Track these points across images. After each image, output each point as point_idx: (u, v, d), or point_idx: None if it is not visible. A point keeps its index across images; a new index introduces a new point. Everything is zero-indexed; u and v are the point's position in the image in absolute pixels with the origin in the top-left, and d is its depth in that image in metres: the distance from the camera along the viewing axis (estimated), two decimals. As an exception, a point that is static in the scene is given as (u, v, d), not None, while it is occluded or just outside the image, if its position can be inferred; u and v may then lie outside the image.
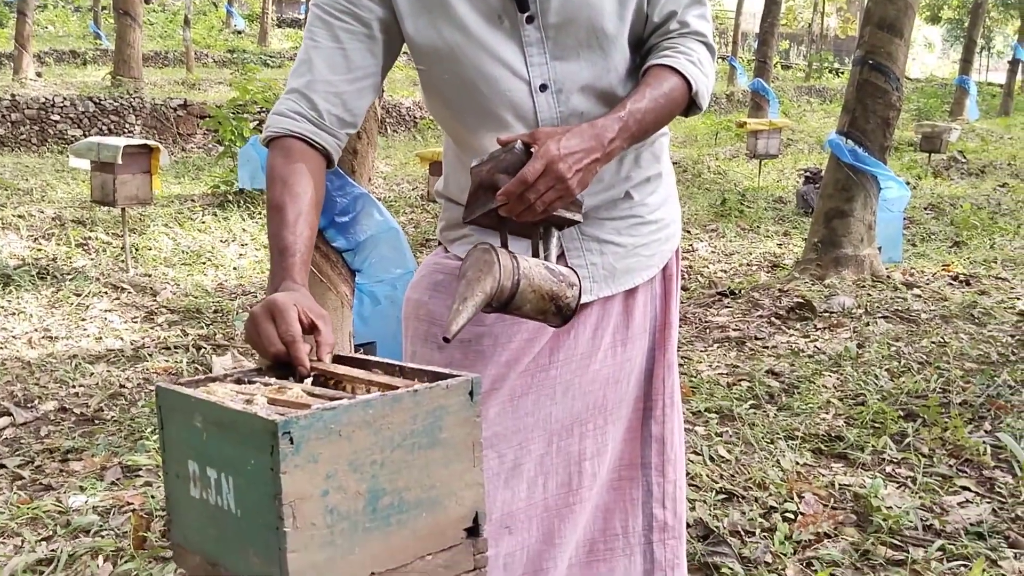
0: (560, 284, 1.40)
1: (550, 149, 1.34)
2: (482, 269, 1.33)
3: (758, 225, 8.82)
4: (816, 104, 21.89)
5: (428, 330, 1.65)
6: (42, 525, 2.83)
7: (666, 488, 1.79)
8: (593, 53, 1.49)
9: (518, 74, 1.48)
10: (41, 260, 6.26)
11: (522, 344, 1.62)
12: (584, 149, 1.37)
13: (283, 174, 1.41)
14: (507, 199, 1.34)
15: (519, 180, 1.33)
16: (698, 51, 1.52)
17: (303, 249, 1.36)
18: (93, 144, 6.08)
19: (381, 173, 10.90)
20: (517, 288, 1.35)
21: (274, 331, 1.21)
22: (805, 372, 4.26)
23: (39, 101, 11.34)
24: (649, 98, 1.45)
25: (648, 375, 1.76)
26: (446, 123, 1.59)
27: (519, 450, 1.66)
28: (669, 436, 1.78)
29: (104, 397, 4.16)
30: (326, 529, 1.00)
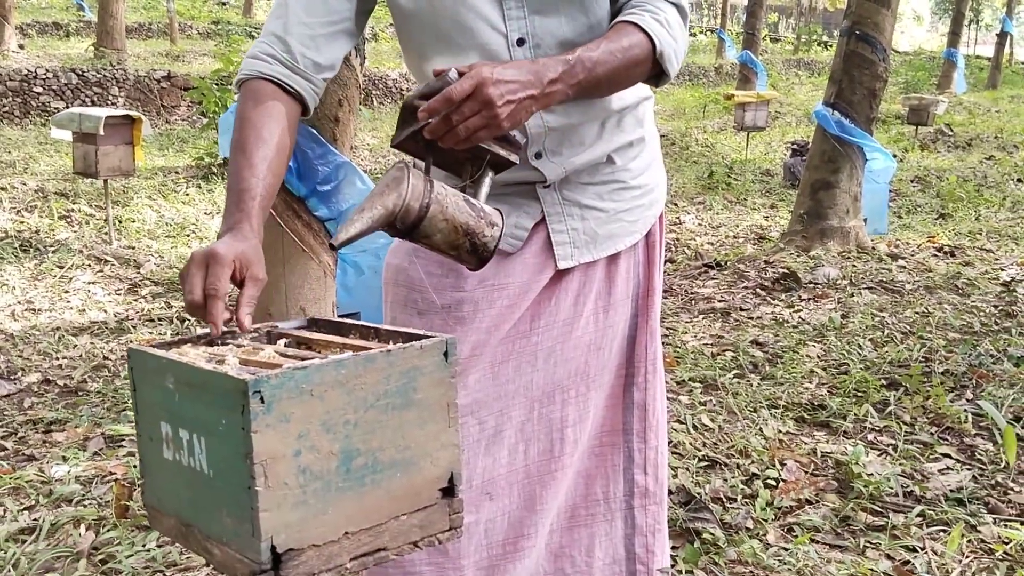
0: (478, 220, 1.32)
1: (482, 72, 1.27)
2: (389, 185, 1.27)
3: (745, 198, 8.82)
4: (804, 77, 21.84)
5: (408, 296, 1.63)
6: (24, 495, 2.82)
7: (647, 454, 1.80)
8: (572, 8, 1.46)
9: (495, 27, 1.45)
10: (24, 232, 6.21)
11: (503, 310, 1.61)
12: (520, 81, 1.30)
13: (251, 116, 1.38)
14: (428, 116, 1.28)
15: (443, 97, 1.26)
16: (667, 11, 1.47)
17: (264, 194, 1.32)
18: (75, 115, 6.02)
19: (367, 145, 10.84)
20: (426, 212, 1.27)
21: (200, 280, 1.18)
22: (789, 342, 4.28)
23: (21, 73, 11.21)
24: (604, 49, 1.39)
25: (631, 342, 1.76)
26: (420, 76, 1.56)
27: (500, 417, 1.66)
28: (651, 403, 1.78)
29: (88, 369, 4.14)
30: (299, 489, 1.00)
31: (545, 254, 1.61)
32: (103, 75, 11.62)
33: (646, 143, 1.69)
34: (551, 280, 1.63)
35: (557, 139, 1.54)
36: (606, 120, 1.58)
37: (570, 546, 1.79)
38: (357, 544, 1.05)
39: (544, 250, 1.61)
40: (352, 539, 1.05)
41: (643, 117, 1.67)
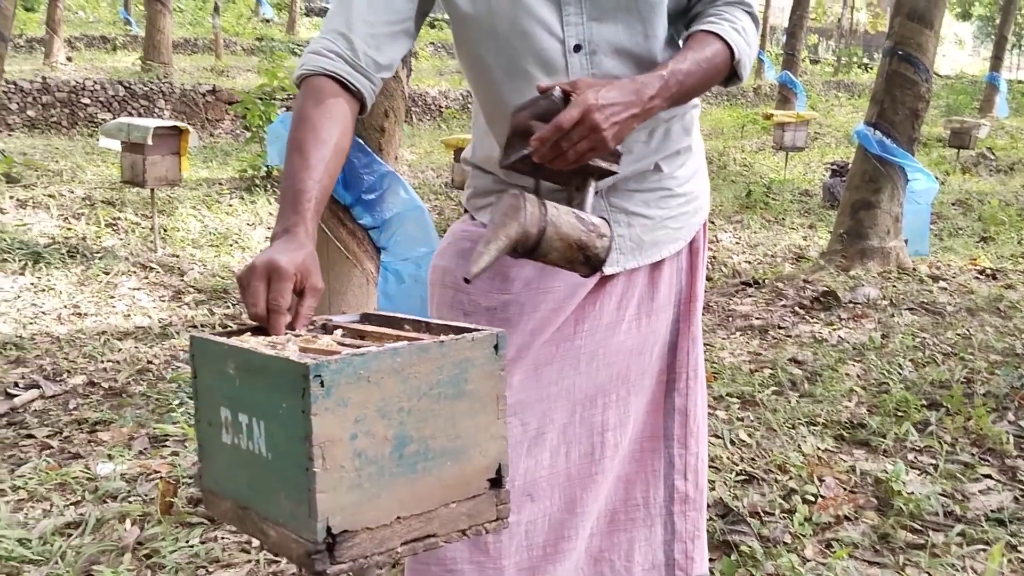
0: (589, 233, 1.38)
1: (588, 98, 1.32)
2: (508, 214, 1.33)
3: (783, 217, 8.78)
4: (844, 99, 21.71)
5: (454, 296, 1.66)
6: (71, 491, 2.88)
7: (688, 460, 1.80)
8: (631, 16, 1.48)
9: (553, 32, 1.47)
10: (71, 239, 6.34)
11: (548, 313, 1.63)
12: (623, 102, 1.35)
13: (311, 115, 1.38)
14: (540, 145, 1.33)
15: (554, 126, 1.31)
16: (743, 20, 1.52)
17: (319, 196, 1.33)
18: (124, 125, 6.15)
19: (406, 161, 10.93)
20: (543, 235, 1.33)
21: (263, 294, 1.19)
22: (828, 360, 4.25)
23: (69, 84, 11.46)
24: (691, 61, 1.44)
25: (672, 347, 1.77)
26: (477, 81, 1.59)
27: (542, 419, 1.67)
28: (692, 409, 1.79)
29: (132, 372, 4.22)
30: (354, 472, 1.02)
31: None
32: (150, 88, 11.85)
33: (692, 151, 1.71)
34: (595, 285, 1.65)
35: (619, 182, 1.58)
36: (655, 129, 1.60)
37: (609, 550, 1.80)
38: (408, 529, 1.08)
39: None
40: (403, 524, 1.07)
41: (690, 126, 1.69)
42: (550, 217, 1.34)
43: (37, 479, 2.94)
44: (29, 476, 2.98)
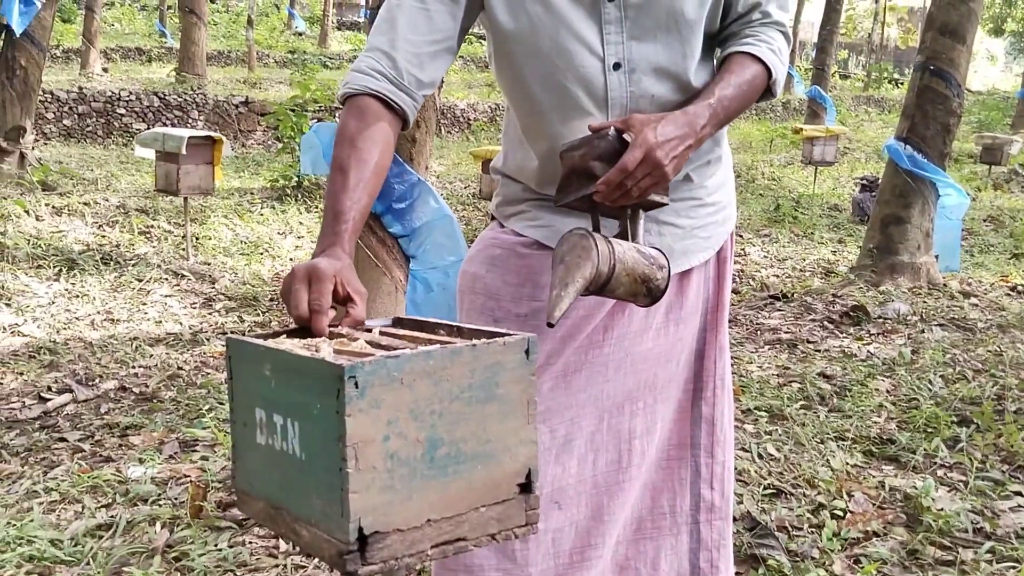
0: (651, 267, 1.44)
1: (648, 137, 1.37)
2: (580, 255, 1.37)
3: (812, 232, 8.73)
4: (874, 114, 21.58)
5: (484, 303, 1.67)
6: (102, 493, 2.92)
7: (714, 469, 1.80)
8: (670, 36, 1.51)
9: (593, 51, 1.49)
10: (105, 246, 6.43)
11: (577, 321, 1.64)
12: (679, 136, 1.41)
13: (353, 135, 1.41)
14: (607, 187, 1.38)
15: (620, 169, 1.37)
16: (777, 40, 1.57)
17: (357, 217, 1.36)
18: (158, 134, 6.24)
19: (434, 172, 10.99)
20: (613, 272, 1.38)
21: (305, 295, 1.22)
22: (857, 375, 4.22)
23: (105, 95, 11.64)
24: (734, 85, 1.50)
25: (699, 356, 1.78)
26: (514, 95, 1.60)
27: (570, 426, 1.68)
28: (719, 418, 1.79)
29: (163, 378, 4.27)
30: (386, 473, 1.04)
31: None
32: (184, 99, 12.01)
33: (721, 161, 1.72)
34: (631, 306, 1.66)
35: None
36: None
37: (635, 558, 1.80)
38: (438, 532, 1.09)
39: None
40: (434, 527, 1.08)
41: (720, 137, 1.70)
42: (618, 254, 1.39)
43: (69, 482, 2.98)
44: (61, 479, 3.02)
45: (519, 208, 1.69)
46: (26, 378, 4.26)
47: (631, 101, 1.52)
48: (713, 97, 1.47)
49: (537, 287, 1.63)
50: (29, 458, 3.30)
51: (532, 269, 1.64)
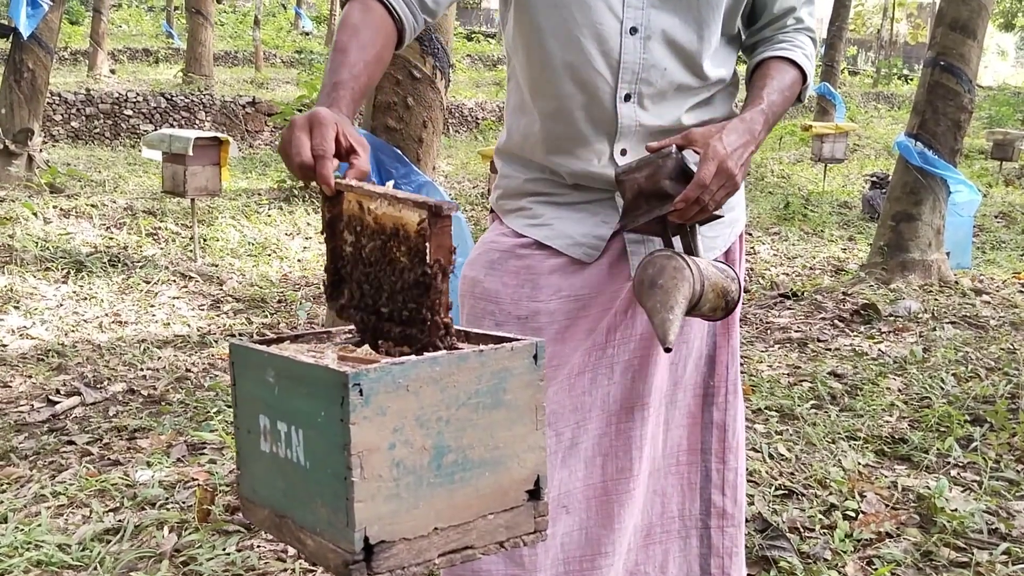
0: (728, 280, 1.47)
1: (718, 149, 1.40)
2: (675, 276, 1.38)
3: (822, 229, 8.69)
4: (884, 110, 21.49)
5: (484, 307, 1.65)
6: (110, 497, 2.91)
7: (726, 475, 1.78)
8: (688, 13, 1.50)
9: (613, 10, 1.49)
10: (113, 248, 6.43)
11: (578, 321, 1.62)
12: (743, 144, 1.44)
13: (357, 24, 1.39)
14: (686, 204, 1.39)
15: (698, 185, 1.38)
16: (808, 46, 1.61)
17: (356, 89, 1.32)
18: (165, 136, 6.23)
19: (442, 172, 10.97)
20: (703, 289, 1.40)
21: (307, 142, 1.16)
22: (868, 374, 4.19)
23: (113, 96, 11.66)
24: (778, 90, 1.54)
25: (709, 361, 1.75)
26: (528, 47, 1.57)
27: (576, 429, 1.66)
28: (731, 423, 1.77)
29: (171, 380, 4.26)
30: (392, 482, 1.02)
31: (620, 265, 1.62)
32: (191, 100, 12.02)
33: None
34: (628, 294, 1.63)
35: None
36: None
37: (644, 563, 1.78)
38: (446, 540, 1.07)
39: (620, 261, 1.62)
40: (441, 535, 1.06)
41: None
42: (704, 272, 1.42)
43: (77, 485, 2.97)
44: (69, 482, 3.01)
45: (519, 204, 1.67)
46: (34, 381, 4.25)
47: (643, 69, 1.51)
48: (764, 102, 1.50)
49: (536, 288, 1.61)
50: (37, 461, 3.30)
51: (531, 270, 1.62)
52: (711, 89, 1.59)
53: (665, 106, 1.54)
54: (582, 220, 1.60)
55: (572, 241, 1.61)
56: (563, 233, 1.61)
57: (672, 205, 1.40)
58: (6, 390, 4.15)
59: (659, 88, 1.52)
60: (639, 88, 1.52)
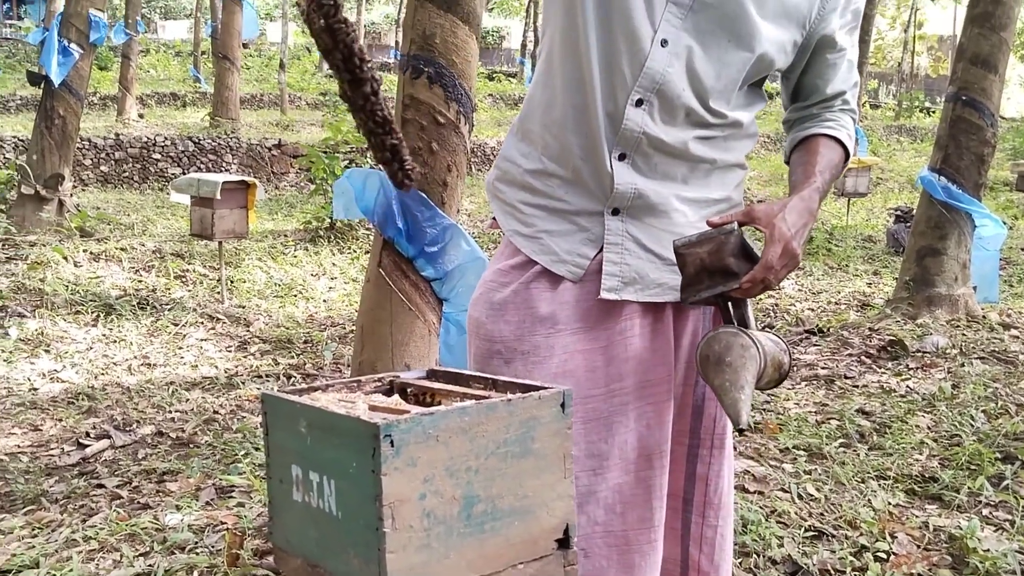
0: (783, 353, 1.51)
1: (784, 232, 1.46)
2: (743, 355, 1.43)
3: (847, 264, 8.66)
4: (907, 143, 21.43)
5: (490, 348, 1.64)
6: (139, 541, 2.93)
7: (704, 531, 1.73)
8: (715, 50, 1.53)
9: (652, 20, 1.51)
10: (142, 291, 6.51)
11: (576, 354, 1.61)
12: (803, 223, 1.51)
13: None
14: (752, 283, 1.45)
15: (765, 267, 1.45)
16: (851, 127, 1.70)
17: None
18: (193, 180, 6.33)
19: (465, 211, 11.05)
20: (766, 366, 1.44)
21: None
22: (897, 411, 4.16)
23: (141, 140, 11.85)
24: (828, 168, 1.62)
25: (696, 411, 1.71)
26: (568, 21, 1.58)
27: (593, 476, 1.63)
28: (714, 478, 1.72)
29: (199, 422, 4.29)
30: (423, 532, 1.03)
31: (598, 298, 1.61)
32: (218, 143, 12.20)
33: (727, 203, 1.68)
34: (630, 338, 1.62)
35: (642, 205, 1.58)
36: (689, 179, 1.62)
37: None
38: (476, 590, 1.08)
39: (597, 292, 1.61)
40: (472, 585, 1.07)
41: (730, 182, 1.68)
42: (765, 347, 1.46)
43: (108, 530, 3.00)
44: (100, 526, 3.03)
45: (513, 200, 1.67)
46: (65, 424, 4.30)
47: (664, 81, 1.52)
48: (817, 180, 1.57)
49: (536, 321, 1.61)
50: (68, 505, 3.33)
51: (528, 304, 1.62)
52: (725, 130, 1.60)
53: (674, 126, 1.55)
54: (569, 235, 1.60)
55: (557, 258, 1.61)
56: (549, 249, 1.62)
57: (738, 283, 1.45)
58: (37, 433, 4.20)
59: (672, 106, 1.54)
60: (652, 98, 1.53)
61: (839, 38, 1.64)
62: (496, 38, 36.55)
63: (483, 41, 2.66)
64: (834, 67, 1.66)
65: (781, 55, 1.60)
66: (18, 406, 4.50)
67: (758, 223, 1.48)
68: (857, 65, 1.80)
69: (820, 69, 1.66)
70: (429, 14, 3.04)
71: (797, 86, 1.70)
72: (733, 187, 1.68)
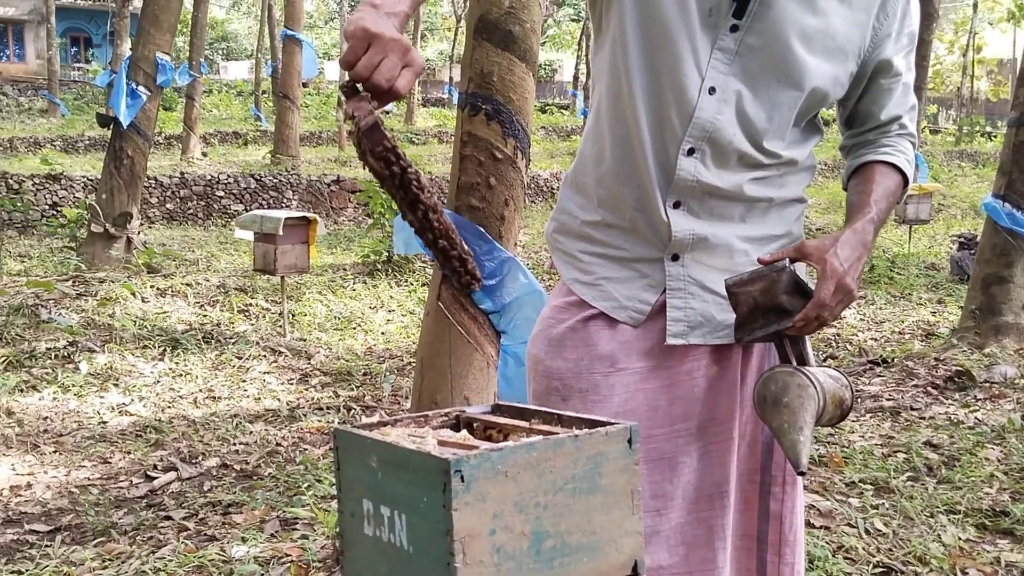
0: (844, 389, 1.48)
1: (836, 268, 1.44)
2: (801, 395, 1.41)
3: (910, 292, 8.50)
4: (968, 168, 21.04)
5: (549, 384, 1.65)
6: (207, 573, 2.98)
7: (781, 569, 1.70)
8: (765, 92, 1.51)
9: (699, 67, 1.50)
10: (206, 325, 6.65)
11: (636, 393, 1.60)
12: (857, 256, 1.48)
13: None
14: (806, 321, 1.43)
15: (818, 304, 1.43)
16: (910, 152, 1.66)
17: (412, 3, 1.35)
18: (257, 217, 6.48)
19: (520, 243, 11.10)
20: (825, 404, 1.42)
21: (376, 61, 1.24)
22: (966, 444, 4.06)
23: (205, 178, 12.16)
24: (884, 196, 1.58)
25: (767, 448, 1.69)
26: (615, 74, 1.58)
27: (656, 516, 1.62)
28: (788, 515, 1.69)
29: (262, 454, 4.36)
30: (493, 568, 1.04)
31: (661, 336, 1.60)
32: (279, 180, 12.45)
33: (788, 238, 1.66)
34: (697, 379, 1.62)
35: (702, 248, 1.57)
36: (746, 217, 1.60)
37: None
38: (547, 625, 1.09)
39: (661, 332, 1.60)
40: (542, 620, 1.08)
41: (789, 216, 1.66)
42: (824, 385, 1.43)
43: (176, 562, 3.05)
44: (168, 559, 3.09)
45: (572, 250, 1.67)
46: (133, 456, 4.40)
47: (714, 129, 1.51)
48: (872, 211, 1.54)
49: (595, 359, 1.61)
50: (137, 537, 3.40)
51: (587, 342, 1.62)
52: (780, 169, 1.59)
53: (727, 170, 1.54)
54: (629, 281, 1.60)
55: (618, 304, 1.61)
56: (610, 295, 1.61)
57: (792, 322, 1.43)
58: (106, 466, 4.30)
59: (724, 152, 1.53)
60: (704, 146, 1.52)
61: (895, 63, 1.61)
62: (548, 71, 36.82)
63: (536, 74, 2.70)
64: (889, 92, 1.63)
65: (837, 88, 1.58)
66: (88, 439, 4.61)
67: (810, 259, 1.46)
68: (915, 89, 1.77)
69: (875, 95, 1.63)
70: (487, 52, 3.09)
71: (852, 112, 1.66)
72: (793, 221, 1.66)
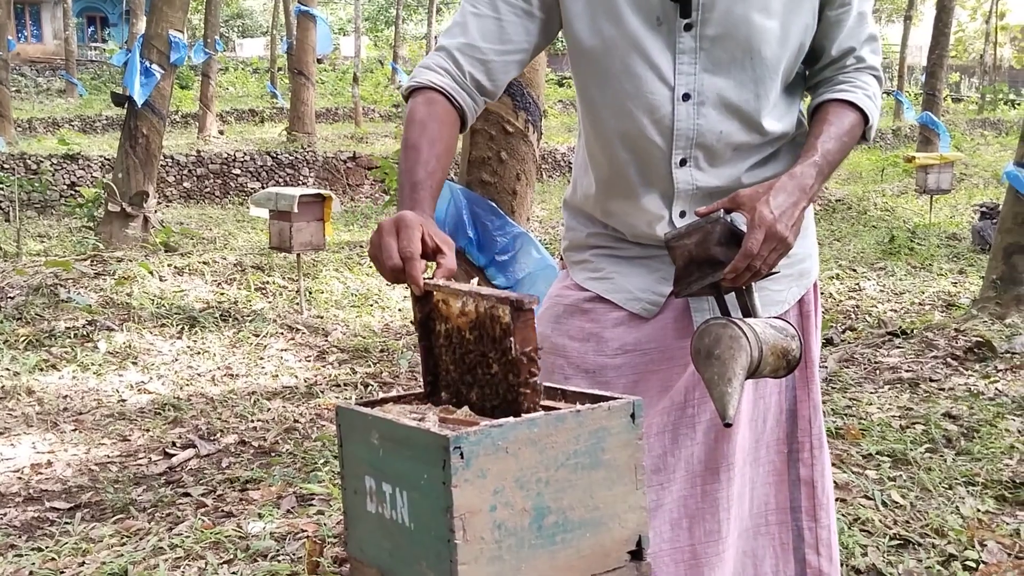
0: (787, 339, 1.43)
1: (765, 215, 1.38)
2: (732, 346, 1.37)
3: (930, 263, 8.42)
4: (991, 137, 20.78)
5: (554, 362, 1.65)
6: (224, 549, 3.00)
7: (819, 533, 1.72)
8: (744, 73, 1.48)
9: (664, 79, 1.48)
10: (224, 303, 6.68)
11: (646, 375, 1.61)
12: (792, 203, 1.41)
13: (423, 118, 1.44)
14: (736, 272, 1.38)
15: (745, 255, 1.37)
16: (872, 85, 1.56)
17: (433, 186, 1.37)
18: (271, 194, 6.48)
19: (536, 217, 11.07)
20: (761, 355, 1.38)
21: (395, 245, 1.21)
22: (986, 415, 4.02)
23: (222, 157, 12.18)
24: (835, 137, 1.49)
25: (791, 416, 1.70)
26: (584, 115, 1.60)
27: (660, 490, 1.63)
28: (819, 479, 1.71)
29: (280, 431, 4.38)
30: (494, 544, 1.03)
31: (685, 318, 1.61)
32: (295, 157, 12.46)
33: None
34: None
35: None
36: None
37: None
38: (549, 602, 1.08)
39: (684, 316, 1.61)
40: (544, 596, 1.07)
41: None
42: (761, 336, 1.39)
43: (193, 538, 3.08)
44: (186, 535, 3.12)
45: (582, 257, 1.69)
46: (152, 434, 4.43)
47: (698, 134, 1.50)
48: (817, 153, 1.46)
49: (601, 342, 1.62)
50: (155, 514, 3.43)
51: (595, 324, 1.63)
52: (774, 144, 1.57)
53: (724, 167, 1.53)
54: (642, 275, 1.61)
55: (631, 296, 1.61)
56: (623, 288, 1.61)
57: (722, 273, 1.39)
58: (125, 443, 4.34)
59: (716, 150, 1.51)
60: (694, 152, 1.51)
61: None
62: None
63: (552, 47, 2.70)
64: (839, 24, 1.54)
65: (808, 33, 1.53)
66: (107, 417, 4.65)
67: (743, 208, 1.41)
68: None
69: (825, 29, 1.54)
70: (496, 24, 3.07)
71: (811, 52, 1.58)
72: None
